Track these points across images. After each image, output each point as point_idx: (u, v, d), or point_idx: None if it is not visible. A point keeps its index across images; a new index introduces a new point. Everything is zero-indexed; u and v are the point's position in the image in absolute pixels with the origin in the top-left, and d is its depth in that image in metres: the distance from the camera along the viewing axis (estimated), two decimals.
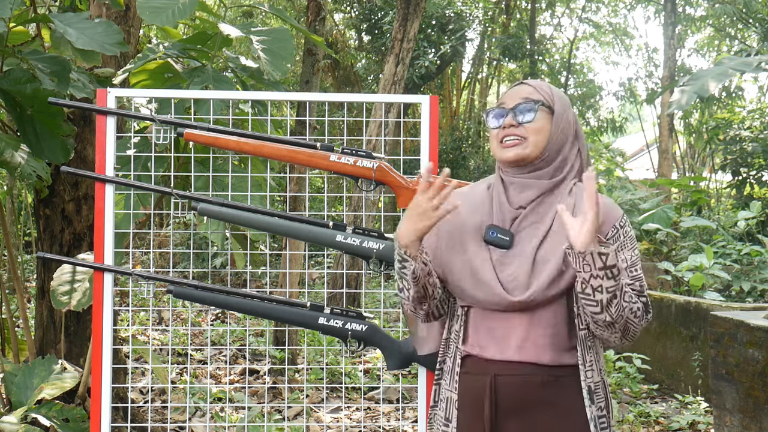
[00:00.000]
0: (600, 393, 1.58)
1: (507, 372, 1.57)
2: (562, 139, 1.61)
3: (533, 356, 1.56)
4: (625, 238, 1.58)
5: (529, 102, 1.60)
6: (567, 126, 1.63)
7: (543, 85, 1.66)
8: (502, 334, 1.59)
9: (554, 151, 1.61)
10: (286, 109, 6.69)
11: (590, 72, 18.92)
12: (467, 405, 1.63)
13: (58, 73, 2.64)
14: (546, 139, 1.59)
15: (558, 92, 1.66)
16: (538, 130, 1.59)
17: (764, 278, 5.84)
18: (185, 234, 8.69)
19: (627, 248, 1.58)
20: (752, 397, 3.21)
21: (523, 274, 1.54)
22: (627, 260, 1.57)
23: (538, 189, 1.60)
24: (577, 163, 1.65)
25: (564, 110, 1.63)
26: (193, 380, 5.11)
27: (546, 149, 1.60)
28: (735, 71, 4.11)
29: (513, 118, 1.60)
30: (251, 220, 2.12)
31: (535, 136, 1.58)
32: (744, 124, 9.95)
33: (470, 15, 12.22)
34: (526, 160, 1.59)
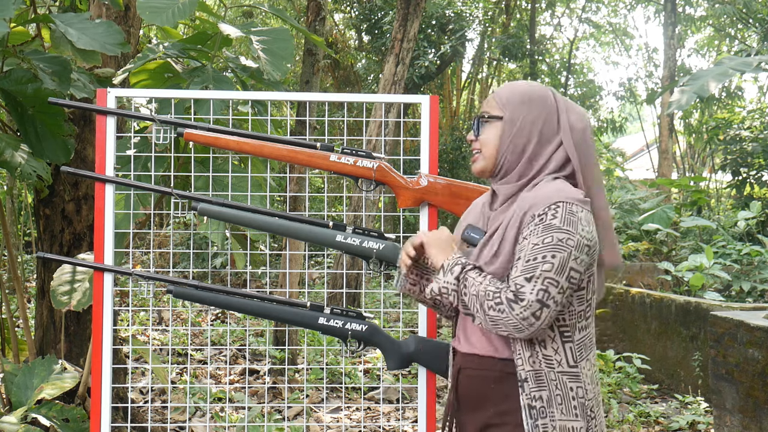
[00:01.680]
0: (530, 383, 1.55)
1: (468, 365, 1.66)
2: (519, 142, 1.62)
3: (488, 348, 1.62)
4: (537, 226, 1.51)
5: (480, 116, 1.67)
6: (524, 127, 1.62)
7: (503, 90, 1.68)
8: (466, 326, 1.69)
9: (513, 155, 1.62)
10: (286, 109, 6.69)
11: (590, 72, 18.92)
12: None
13: (58, 73, 2.64)
14: (496, 148, 1.64)
15: (518, 94, 1.65)
16: (486, 142, 1.66)
17: (764, 278, 5.84)
18: (185, 234, 8.69)
19: (535, 236, 1.50)
20: (752, 397, 3.21)
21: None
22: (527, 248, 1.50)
23: (504, 194, 1.64)
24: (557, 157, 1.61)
25: (518, 114, 1.62)
26: (193, 380, 5.11)
27: (500, 156, 1.63)
28: (735, 71, 4.11)
29: (472, 132, 1.69)
30: (251, 220, 2.12)
31: (486, 148, 1.66)
32: (744, 124, 9.95)
33: (470, 15, 12.21)
34: (485, 172, 1.67)
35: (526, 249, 1.51)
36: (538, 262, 1.49)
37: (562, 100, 1.67)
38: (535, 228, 1.51)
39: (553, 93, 1.67)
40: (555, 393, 1.55)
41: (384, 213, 8.94)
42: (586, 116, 1.67)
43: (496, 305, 1.50)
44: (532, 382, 1.55)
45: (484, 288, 1.53)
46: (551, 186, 1.57)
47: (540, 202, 1.54)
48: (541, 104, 1.64)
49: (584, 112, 1.69)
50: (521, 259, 1.51)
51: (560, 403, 1.55)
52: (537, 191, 1.57)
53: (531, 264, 1.50)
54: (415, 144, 5.40)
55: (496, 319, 1.51)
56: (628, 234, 7.82)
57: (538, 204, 1.53)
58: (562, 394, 1.56)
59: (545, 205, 1.52)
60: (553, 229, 1.50)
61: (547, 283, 1.48)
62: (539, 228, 1.51)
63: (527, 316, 1.48)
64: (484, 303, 1.52)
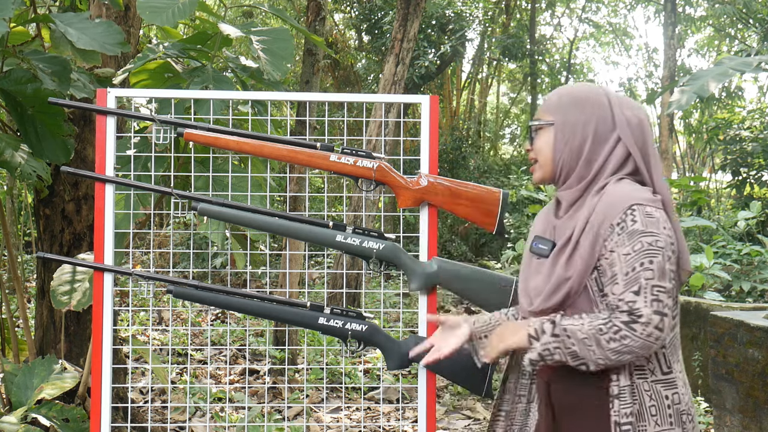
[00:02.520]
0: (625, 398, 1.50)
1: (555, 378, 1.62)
2: (574, 144, 1.58)
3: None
4: (621, 235, 1.47)
5: (532, 125, 1.66)
6: (577, 128, 1.58)
7: (552, 96, 1.66)
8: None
9: (569, 158, 1.59)
10: (286, 109, 6.69)
11: (590, 72, 18.93)
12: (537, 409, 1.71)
13: (58, 73, 2.64)
14: (551, 155, 1.61)
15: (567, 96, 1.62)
16: (540, 150, 1.64)
17: (764, 278, 5.83)
18: (185, 234, 8.69)
19: (624, 246, 1.46)
20: (752, 397, 3.21)
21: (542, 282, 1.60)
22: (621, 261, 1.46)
23: (568, 200, 1.61)
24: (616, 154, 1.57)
25: (567, 116, 1.59)
26: (193, 380, 5.11)
27: (557, 163, 1.60)
28: (735, 71, 4.11)
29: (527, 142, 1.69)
30: (251, 220, 2.12)
31: (541, 155, 1.64)
32: (744, 124, 9.95)
33: (470, 15, 12.22)
34: (545, 179, 1.65)
35: (619, 262, 1.46)
36: (638, 273, 1.44)
37: (614, 96, 1.61)
38: (620, 238, 1.47)
39: (605, 91, 1.62)
40: (649, 404, 1.51)
41: (384, 213, 8.93)
42: (641, 110, 1.61)
43: (615, 334, 1.43)
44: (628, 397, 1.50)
45: (592, 326, 1.45)
46: (619, 189, 1.52)
47: (614, 209, 1.49)
48: (593, 103, 1.59)
49: (639, 105, 1.62)
50: (618, 274, 1.46)
51: (654, 414, 1.50)
52: (606, 197, 1.52)
53: (631, 276, 1.44)
54: (415, 144, 5.40)
55: (620, 349, 1.43)
56: None
57: (612, 211, 1.49)
58: (657, 404, 1.51)
59: (621, 212, 1.48)
60: (638, 234, 1.46)
61: (656, 291, 1.43)
62: (624, 237, 1.46)
63: (651, 331, 1.42)
64: (601, 339, 1.44)
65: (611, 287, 1.47)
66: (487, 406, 4.66)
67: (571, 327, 1.48)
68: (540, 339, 1.51)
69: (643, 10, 22.38)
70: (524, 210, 9.60)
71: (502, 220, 2.12)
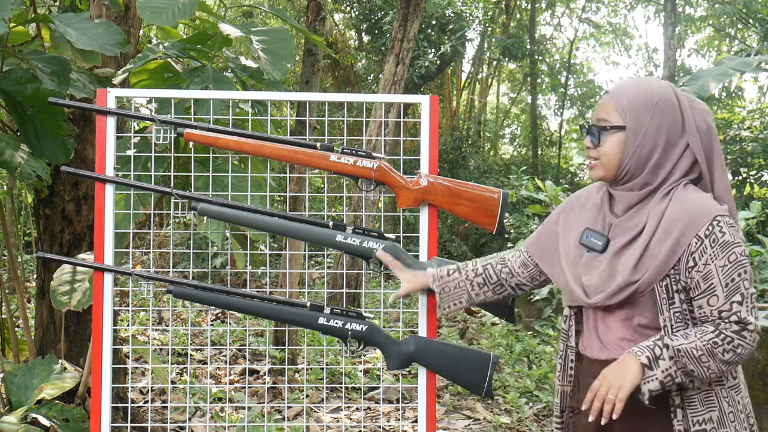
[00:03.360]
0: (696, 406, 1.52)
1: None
2: (644, 150, 1.55)
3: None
4: (713, 248, 1.48)
5: (599, 125, 1.60)
6: (649, 134, 1.55)
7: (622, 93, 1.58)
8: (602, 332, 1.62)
9: (638, 163, 1.56)
10: (286, 109, 6.69)
11: (590, 72, 18.94)
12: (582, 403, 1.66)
13: (58, 73, 2.64)
14: (618, 159, 1.57)
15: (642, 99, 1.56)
16: (607, 153, 1.58)
17: (764, 278, 5.83)
18: (185, 234, 8.68)
19: (719, 258, 1.47)
20: (752, 397, 3.21)
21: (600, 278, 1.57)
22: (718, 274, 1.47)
23: (627, 202, 1.59)
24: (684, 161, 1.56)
25: (639, 122, 1.55)
26: (193, 380, 5.11)
27: (623, 167, 1.57)
28: (735, 71, 4.11)
29: (589, 139, 1.62)
30: (251, 220, 2.12)
31: (606, 158, 1.59)
32: (744, 124, 9.94)
33: (470, 15, 12.21)
34: (605, 179, 1.62)
35: (717, 275, 1.47)
36: (737, 284, 1.47)
37: (684, 99, 1.58)
38: (713, 251, 1.48)
39: (674, 91, 1.58)
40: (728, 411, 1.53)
41: (384, 213, 8.93)
42: (709, 113, 1.60)
43: (729, 345, 1.46)
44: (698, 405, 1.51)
45: (704, 341, 1.46)
46: (694, 198, 1.52)
47: (697, 220, 1.49)
48: (666, 107, 1.56)
49: (707, 109, 1.61)
50: (718, 286, 1.47)
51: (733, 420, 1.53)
52: (680, 205, 1.52)
53: (731, 287, 1.47)
54: (415, 144, 5.40)
55: (732, 359, 1.47)
56: None
57: (695, 223, 1.49)
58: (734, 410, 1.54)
59: (707, 223, 1.49)
60: (730, 245, 1.48)
61: (753, 299, 1.49)
62: (717, 249, 1.48)
63: (755, 337, 1.48)
64: (716, 352, 1.46)
65: (707, 299, 1.49)
66: (487, 406, 4.66)
67: (685, 346, 1.47)
68: (658, 366, 1.48)
69: (643, 10, 22.39)
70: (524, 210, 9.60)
71: (502, 220, 2.12)
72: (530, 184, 7.79)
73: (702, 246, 1.48)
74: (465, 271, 1.93)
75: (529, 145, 15.98)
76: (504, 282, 1.88)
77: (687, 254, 1.50)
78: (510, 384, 5.02)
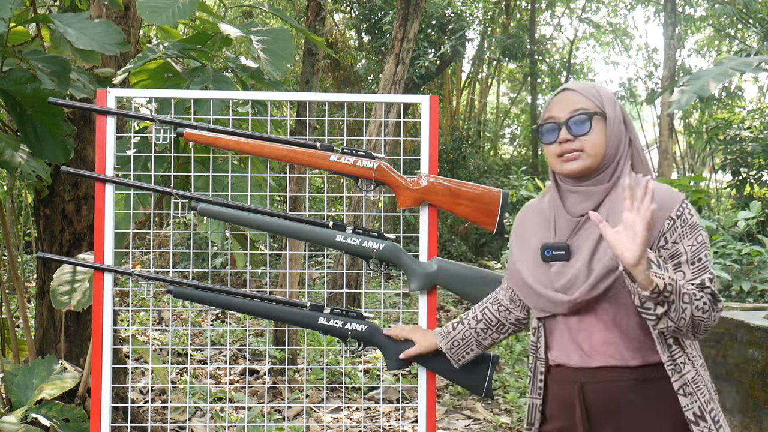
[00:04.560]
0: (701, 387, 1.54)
1: (592, 379, 1.58)
2: (617, 139, 1.58)
3: (616, 359, 1.55)
4: (683, 228, 1.51)
5: (582, 114, 1.57)
6: (620, 124, 1.59)
7: (588, 87, 1.62)
8: (582, 339, 1.59)
9: (612, 154, 1.58)
10: (286, 109, 6.69)
11: (590, 72, 18.93)
12: (557, 413, 1.65)
13: (58, 73, 2.64)
14: (604, 148, 1.57)
15: (603, 90, 1.62)
16: (595, 141, 1.57)
17: (764, 278, 5.83)
18: (185, 234, 8.69)
19: (687, 238, 1.51)
20: (752, 397, 3.21)
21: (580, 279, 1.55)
22: (687, 252, 1.50)
23: (599, 196, 1.58)
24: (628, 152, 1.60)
25: (614, 109, 1.59)
26: (193, 380, 5.11)
27: (605, 157, 1.58)
28: (735, 71, 4.11)
29: (568, 132, 1.57)
30: (251, 220, 2.12)
31: (594, 147, 1.56)
32: (744, 124, 9.95)
33: (470, 15, 12.22)
34: (588, 171, 1.58)
35: (686, 252, 1.50)
36: (704, 263, 1.51)
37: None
38: (683, 230, 1.51)
39: None
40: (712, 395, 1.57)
41: (384, 213, 8.93)
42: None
43: (704, 305, 1.46)
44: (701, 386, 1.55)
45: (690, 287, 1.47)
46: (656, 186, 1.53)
47: (668, 203, 1.52)
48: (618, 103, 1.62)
49: None
50: (685, 263, 1.50)
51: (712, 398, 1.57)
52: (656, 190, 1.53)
53: (698, 266, 1.50)
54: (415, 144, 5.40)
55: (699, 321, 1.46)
56: None
57: (667, 205, 1.52)
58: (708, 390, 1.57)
59: (677, 205, 1.53)
60: (697, 227, 1.52)
61: (716, 279, 1.52)
62: (686, 229, 1.51)
63: (716, 318, 1.49)
64: (693, 302, 1.45)
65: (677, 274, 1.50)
66: (487, 406, 4.66)
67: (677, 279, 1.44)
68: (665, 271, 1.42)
69: (643, 10, 22.39)
70: None
71: (502, 220, 2.12)
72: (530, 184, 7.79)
73: (673, 226, 1.51)
74: (467, 320, 1.91)
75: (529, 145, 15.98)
76: (504, 320, 1.86)
77: (660, 235, 1.52)
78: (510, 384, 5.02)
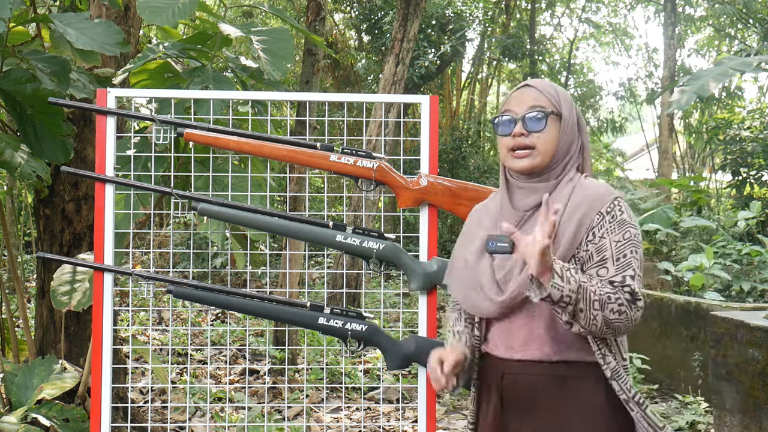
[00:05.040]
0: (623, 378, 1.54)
1: (513, 371, 1.59)
2: (569, 140, 1.62)
3: (538, 354, 1.56)
4: (612, 223, 1.53)
5: (538, 110, 1.59)
6: (573, 126, 1.63)
7: (547, 86, 1.64)
8: (508, 332, 1.61)
9: (563, 154, 1.61)
10: (286, 109, 6.69)
11: (590, 72, 18.94)
12: (485, 400, 1.67)
13: (58, 73, 2.64)
14: (555, 146, 1.60)
15: (562, 92, 1.65)
16: (548, 140, 1.59)
17: (764, 278, 5.83)
18: (185, 234, 8.69)
19: (614, 233, 1.52)
20: (752, 397, 3.21)
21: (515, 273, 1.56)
22: (612, 248, 1.51)
23: (544, 191, 1.59)
24: (578, 156, 1.64)
25: (570, 111, 1.62)
26: (193, 380, 5.11)
27: (556, 155, 1.60)
28: (735, 71, 4.11)
29: (523, 126, 1.59)
30: (251, 220, 2.12)
31: (545, 145, 1.59)
32: (744, 124, 9.94)
33: (470, 15, 12.21)
34: (537, 168, 1.60)
35: (610, 247, 1.51)
36: (629, 259, 1.51)
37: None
38: (611, 225, 1.52)
39: None
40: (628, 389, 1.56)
41: (384, 213, 8.93)
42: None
43: (620, 306, 1.46)
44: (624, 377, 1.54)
45: (603, 292, 1.46)
46: (597, 184, 1.59)
47: (600, 199, 1.54)
48: (573, 104, 1.65)
49: None
50: (609, 259, 1.50)
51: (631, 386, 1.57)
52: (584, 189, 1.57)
53: (623, 262, 1.50)
54: (415, 144, 5.40)
55: (615, 322, 1.46)
56: None
57: (598, 202, 1.54)
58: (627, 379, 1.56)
59: (608, 202, 1.54)
60: (627, 224, 1.53)
61: (639, 277, 1.52)
62: (614, 225, 1.52)
63: (639, 315, 1.50)
64: (606, 308, 1.45)
65: (598, 269, 1.51)
66: None
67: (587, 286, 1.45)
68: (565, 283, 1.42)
69: (643, 10, 22.38)
70: None
71: None
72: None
73: (602, 221, 1.53)
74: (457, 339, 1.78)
75: None
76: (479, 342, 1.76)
77: (588, 229, 1.53)
78: None
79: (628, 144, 20.32)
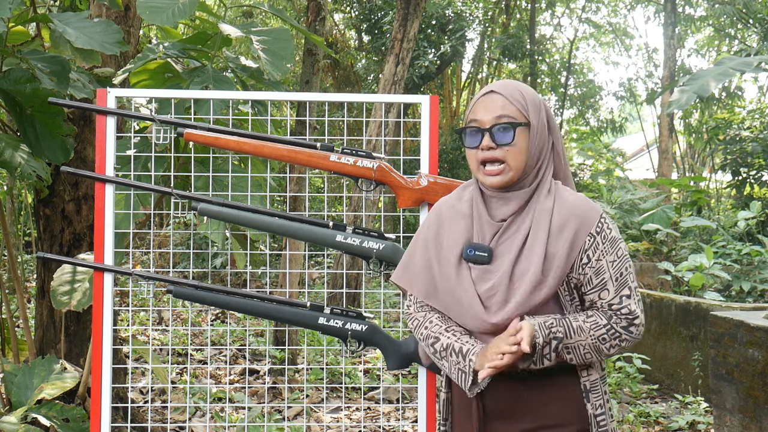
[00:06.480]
0: (597, 391, 1.56)
1: (496, 377, 1.55)
2: (540, 146, 1.56)
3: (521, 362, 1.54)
4: (604, 244, 1.51)
5: (505, 122, 1.52)
6: (543, 131, 1.57)
7: (513, 91, 1.55)
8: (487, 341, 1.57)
9: (534, 162, 1.56)
10: (286, 109, 6.69)
11: (590, 72, 18.93)
12: (461, 407, 1.66)
13: (57, 72, 2.64)
14: (526, 157, 1.54)
15: (529, 95, 1.57)
16: (517, 153, 1.53)
17: (764, 278, 5.83)
18: (185, 234, 8.69)
19: (609, 254, 1.51)
20: (752, 397, 3.21)
21: (501, 291, 1.51)
22: (609, 269, 1.51)
23: (520, 201, 1.56)
24: (550, 156, 1.59)
25: (538, 115, 1.55)
26: (193, 380, 5.11)
27: (527, 163, 1.54)
28: (735, 71, 4.11)
29: (491, 139, 1.52)
30: (251, 220, 2.12)
31: (515, 160, 1.52)
32: (744, 124, 9.95)
33: (470, 15, 12.22)
34: (511, 182, 1.54)
35: (607, 269, 1.52)
36: (624, 277, 1.53)
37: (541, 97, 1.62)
38: (604, 247, 1.52)
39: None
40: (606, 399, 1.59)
41: (384, 213, 8.93)
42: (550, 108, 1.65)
43: (615, 340, 1.52)
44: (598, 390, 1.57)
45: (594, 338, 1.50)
46: (576, 198, 1.55)
47: (587, 217, 1.53)
48: (543, 107, 1.59)
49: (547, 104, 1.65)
50: (609, 280, 1.52)
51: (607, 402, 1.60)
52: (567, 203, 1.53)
53: (620, 281, 1.52)
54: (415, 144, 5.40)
55: (615, 353, 1.54)
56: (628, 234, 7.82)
57: (586, 220, 1.52)
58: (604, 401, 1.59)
59: (596, 221, 1.53)
60: (617, 241, 1.54)
61: (638, 291, 1.56)
62: (607, 245, 1.52)
63: (642, 331, 1.54)
64: (602, 351, 1.52)
65: (599, 293, 1.52)
66: None
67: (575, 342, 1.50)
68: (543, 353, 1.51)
69: (643, 10, 22.40)
70: None
71: None
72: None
73: (594, 242, 1.52)
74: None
75: None
76: None
77: (582, 252, 1.52)
78: None
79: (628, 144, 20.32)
